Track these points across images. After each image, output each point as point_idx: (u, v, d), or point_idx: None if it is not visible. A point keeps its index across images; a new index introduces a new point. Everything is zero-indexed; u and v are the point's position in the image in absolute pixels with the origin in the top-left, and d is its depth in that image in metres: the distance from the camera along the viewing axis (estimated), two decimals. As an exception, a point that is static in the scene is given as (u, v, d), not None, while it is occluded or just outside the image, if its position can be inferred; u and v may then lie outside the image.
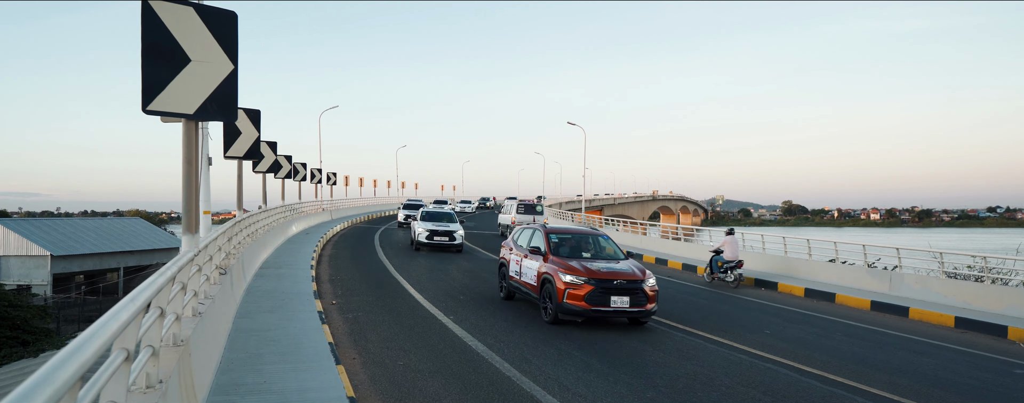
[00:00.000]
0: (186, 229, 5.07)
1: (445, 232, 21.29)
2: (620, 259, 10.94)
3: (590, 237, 11.67)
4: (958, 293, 13.78)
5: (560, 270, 9.97)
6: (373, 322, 9.70)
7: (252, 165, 17.49)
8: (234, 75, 5.07)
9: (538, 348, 8.46)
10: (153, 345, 3.35)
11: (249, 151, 11.82)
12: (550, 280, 10.08)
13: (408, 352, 7.95)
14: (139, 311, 2.33)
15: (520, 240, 12.08)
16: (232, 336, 7.50)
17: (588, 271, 9.86)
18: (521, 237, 12.16)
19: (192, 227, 5.06)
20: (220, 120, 5.06)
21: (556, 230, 11.55)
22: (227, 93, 5.05)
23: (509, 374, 7.15)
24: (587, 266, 10.08)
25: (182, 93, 4.85)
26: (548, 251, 10.69)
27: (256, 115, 11.81)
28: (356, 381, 6.57)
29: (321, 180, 35.38)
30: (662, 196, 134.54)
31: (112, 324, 1.93)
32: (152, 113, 4.73)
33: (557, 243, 11.03)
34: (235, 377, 5.85)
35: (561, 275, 9.88)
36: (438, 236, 21.18)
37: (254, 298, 10.23)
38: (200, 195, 9.37)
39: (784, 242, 19.42)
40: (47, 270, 39.03)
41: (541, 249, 10.83)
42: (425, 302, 11.62)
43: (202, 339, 5.27)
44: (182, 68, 4.84)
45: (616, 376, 7.29)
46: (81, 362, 1.61)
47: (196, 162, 4.99)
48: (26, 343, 21.40)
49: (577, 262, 10.26)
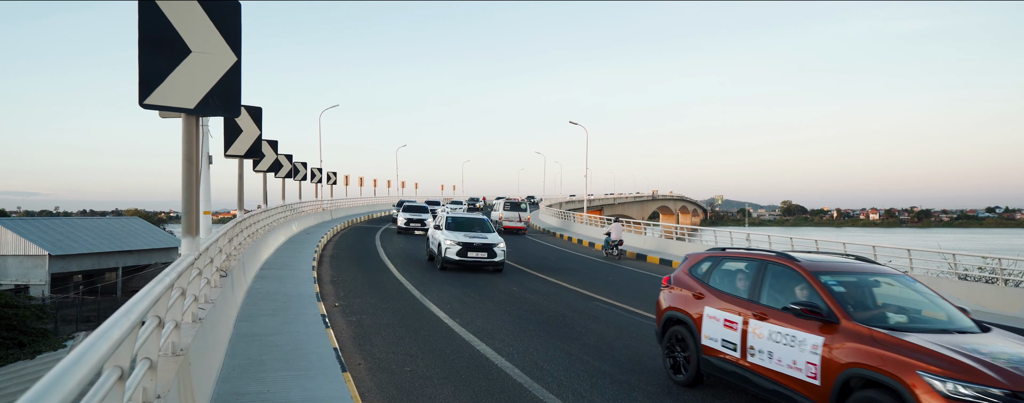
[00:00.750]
0: (186, 231, 4.78)
1: (483, 246, 16.11)
2: None
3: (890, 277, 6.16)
4: (971, 295, 13.57)
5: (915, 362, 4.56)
6: (377, 325, 9.44)
7: (252, 164, 17.24)
8: (237, 68, 4.78)
9: (549, 353, 8.20)
10: (151, 358, 3.10)
11: (250, 150, 11.54)
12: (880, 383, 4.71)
13: (415, 357, 7.70)
14: (134, 326, 2.08)
15: (717, 282, 6.82)
16: (233, 341, 7.24)
17: None
18: (719, 277, 6.85)
19: (192, 229, 4.78)
20: (222, 115, 4.79)
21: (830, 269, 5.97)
22: (230, 87, 4.76)
23: (520, 380, 6.90)
24: None
25: (182, 86, 4.56)
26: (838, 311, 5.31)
27: (258, 113, 11.54)
28: (363, 388, 6.31)
29: (321, 180, 35.13)
30: (662, 196, 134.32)
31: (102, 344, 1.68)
32: (150, 107, 4.44)
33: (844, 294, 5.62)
34: (237, 386, 5.59)
35: None
36: (474, 252, 16.01)
37: (255, 301, 9.98)
38: (200, 195, 9.14)
39: (791, 243, 19.19)
40: (45, 270, 38.74)
41: (821, 308, 5.40)
42: (430, 304, 11.37)
43: (202, 346, 5.01)
44: (182, 59, 4.56)
45: (632, 382, 7.03)
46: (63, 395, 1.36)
47: (197, 160, 4.72)
48: (23, 344, 21.13)
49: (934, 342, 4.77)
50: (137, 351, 3.01)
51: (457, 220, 17.55)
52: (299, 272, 13.62)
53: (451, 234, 16.41)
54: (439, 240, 16.57)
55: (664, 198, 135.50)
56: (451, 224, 17.25)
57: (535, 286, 14.51)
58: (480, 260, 16.08)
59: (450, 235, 16.35)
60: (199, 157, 4.79)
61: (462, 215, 17.98)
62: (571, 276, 16.91)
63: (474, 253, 16.03)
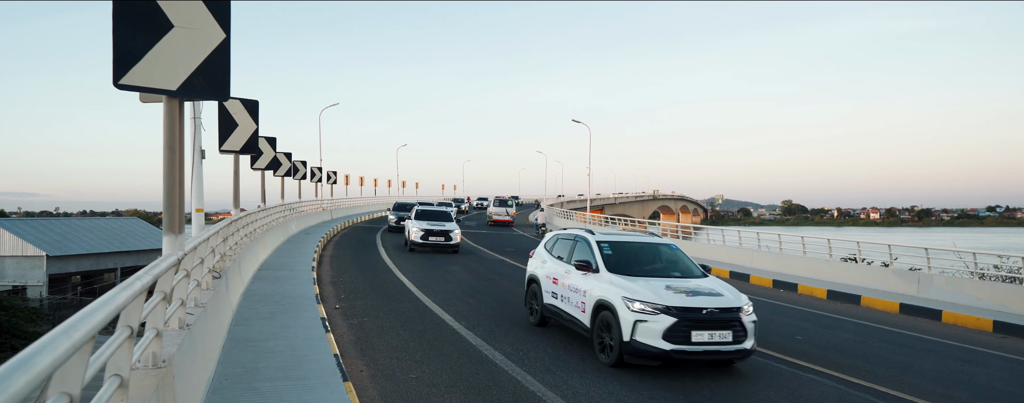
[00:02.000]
0: (168, 228, 4.27)
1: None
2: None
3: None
4: (993, 295, 13.12)
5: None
6: (380, 328, 9.00)
7: (250, 162, 16.78)
8: (226, 46, 4.28)
9: (559, 356, 7.77)
10: (121, 374, 2.66)
11: (246, 145, 11.06)
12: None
13: (420, 363, 7.26)
14: (76, 347, 1.64)
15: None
16: (227, 347, 6.79)
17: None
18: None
19: (175, 226, 4.28)
20: (209, 99, 4.33)
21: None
22: (217, 67, 4.26)
23: (533, 388, 6.46)
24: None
25: (163, 65, 4.06)
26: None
27: (254, 106, 11.05)
28: (366, 398, 5.88)
29: (321, 179, 34.67)
30: (663, 195, 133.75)
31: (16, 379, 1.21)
32: (126, 88, 3.95)
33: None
34: (228, 397, 5.15)
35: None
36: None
37: (251, 303, 9.53)
38: (193, 190, 8.67)
39: (802, 242, 18.75)
40: (43, 270, 38.33)
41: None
42: (433, 306, 10.93)
43: (190, 355, 4.57)
44: (163, 35, 4.04)
45: (651, 392, 6.60)
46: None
47: (179, 149, 4.24)
48: (15, 349, 20.69)
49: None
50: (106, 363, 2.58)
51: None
52: (298, 273, 13.18)
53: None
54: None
55: (665, 198, 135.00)
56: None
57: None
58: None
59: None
60: (183, 146, 4.31)
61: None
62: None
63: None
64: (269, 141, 16.98)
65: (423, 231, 19.84)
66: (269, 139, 16.97)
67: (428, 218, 20.89)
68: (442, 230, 20.04)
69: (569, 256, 8.84)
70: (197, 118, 8.29)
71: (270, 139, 17.04)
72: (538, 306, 9.42)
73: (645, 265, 8.39)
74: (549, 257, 9.47)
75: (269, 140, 16.98)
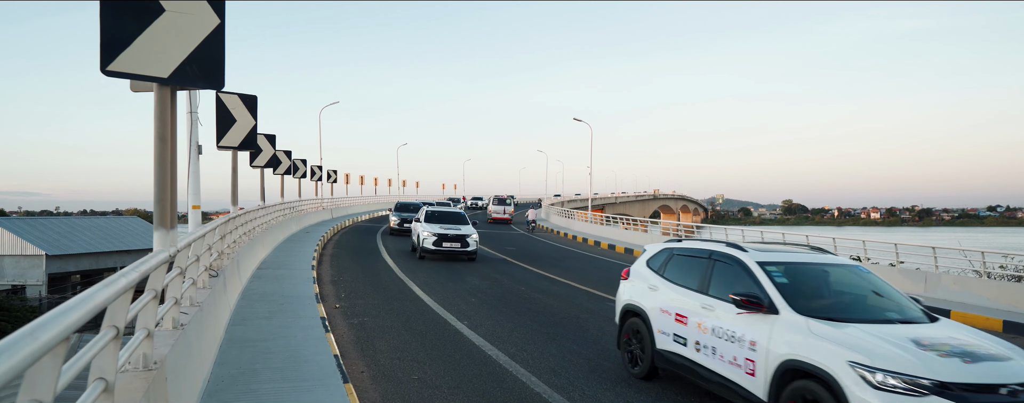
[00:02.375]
0: (160, 223, 4.08)
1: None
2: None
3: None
4: (1001, 295, 12.95)
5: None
6: (381, 328, 8.83)
7: (249, 159, 16.59)
8: (220, 32, 4.08)
9: (565, 358, 7.59)
10: (106, 377, 2.48)
11: (245, 141, 10.85)
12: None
13: (422, 364, 7.08)
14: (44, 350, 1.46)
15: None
16: (223, 347, 6.62)
17: None
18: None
19: (166, 221, 4.09)
20: (203, 87, 4.14)
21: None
22: (211, 54, 4.07)
23: (538, 390, 6.29)
24: None
25: (153, 51, 3.87)
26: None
27: (252, 101, 10.85)
28: (367, 399, 5.71)
29: (321, 177, 34.50)
30: (663, 195, 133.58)
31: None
32: (114, 74, 3.76)
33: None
34: (224, 399, 4.97)
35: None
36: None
37: (250, 302, 9.36)
38: (189, 187, 8.48)
39: (807, 240, 18.57)
40: (42, 270, 38.18)
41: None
42: (435, 305, 10.75)
43: (184, 356, 4.39)
44: (153, 20, 3.86)
45: (659, 391, 6.42)
46: None
47: (172, 140, 4.06)
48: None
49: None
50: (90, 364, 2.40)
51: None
52: (298, 272, 13.01)
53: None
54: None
55: (665, 197, 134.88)
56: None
57: (542, 286, 13.89)
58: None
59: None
60: (175, 137, 4.12)
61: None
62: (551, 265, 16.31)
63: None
64: (268, 138, 16.78)
65: (436, 236, 17.48)
66: (268, 136, 16.77)
67: (440, 221, 18.57)
68: (458, 235, 17.68)
69: (704, 283, 6.07)
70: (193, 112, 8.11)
71: (269, 136, 16.83)
72: (647, 352, 6.60)
73: (835, 299, 5.63)
74: (662, 281, 6.62)
75: (268, 137, 16.77)
